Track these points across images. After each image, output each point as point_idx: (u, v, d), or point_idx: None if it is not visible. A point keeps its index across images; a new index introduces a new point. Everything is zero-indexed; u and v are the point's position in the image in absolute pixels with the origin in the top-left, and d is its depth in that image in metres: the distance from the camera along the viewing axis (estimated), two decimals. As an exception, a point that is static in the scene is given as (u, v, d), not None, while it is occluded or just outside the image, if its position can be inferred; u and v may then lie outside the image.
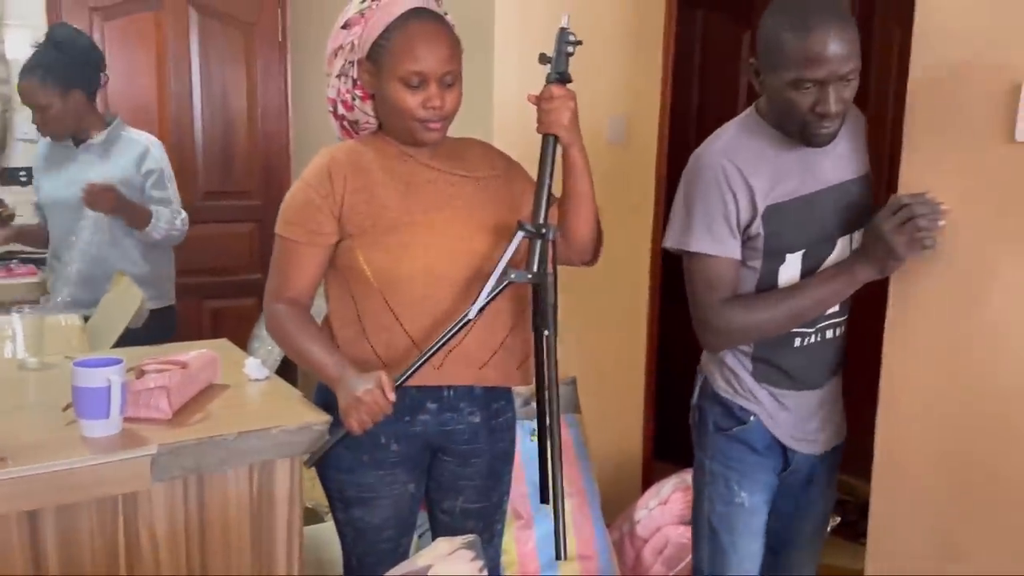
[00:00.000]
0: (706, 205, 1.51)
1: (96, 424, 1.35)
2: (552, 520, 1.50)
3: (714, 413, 1.66)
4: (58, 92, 2.46)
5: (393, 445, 1.58)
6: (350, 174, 1.54)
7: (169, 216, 2.55)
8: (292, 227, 1.54)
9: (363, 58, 1.50)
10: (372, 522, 1.63)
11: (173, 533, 1.45)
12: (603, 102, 2.73)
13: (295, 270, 1.56)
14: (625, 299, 2.93)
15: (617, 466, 2.97)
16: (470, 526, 1.70)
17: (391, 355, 1.54)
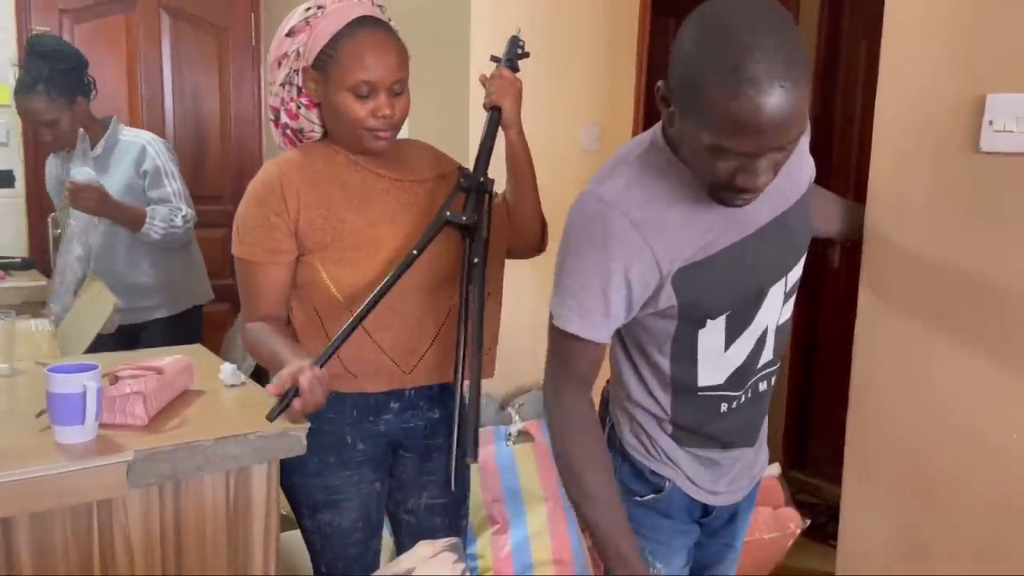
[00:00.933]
0: (581, 273, 1.21)
1: (71, 430, 1.33)
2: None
3: (622, 472, 1.39)
4: (64, 104, 2.43)
5: (359, 444, 1.61)
6: (303, 189, 1.50)
7: (165, 214, 2.46)
8: (250, 247, 1.52)
9: (308, 66, 1.49)
10: (341, 525, 1.63)
11: (148, 540, 1.43)
12: (576, 111, 2.76)
13: (261, 289, 1.55)
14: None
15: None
16: (437, 523, 1.72)
17: (362, 367, 1.56)
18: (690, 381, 1.29)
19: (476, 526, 2.40)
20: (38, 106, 2.40)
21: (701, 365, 1.27)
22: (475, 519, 2.41)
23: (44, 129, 2.44)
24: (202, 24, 3.67)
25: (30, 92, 2.38)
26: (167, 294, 2.53)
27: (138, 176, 2.51)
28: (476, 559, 2.38)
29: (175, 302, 2.58)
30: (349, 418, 1.59)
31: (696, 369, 1.28)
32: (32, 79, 2.39)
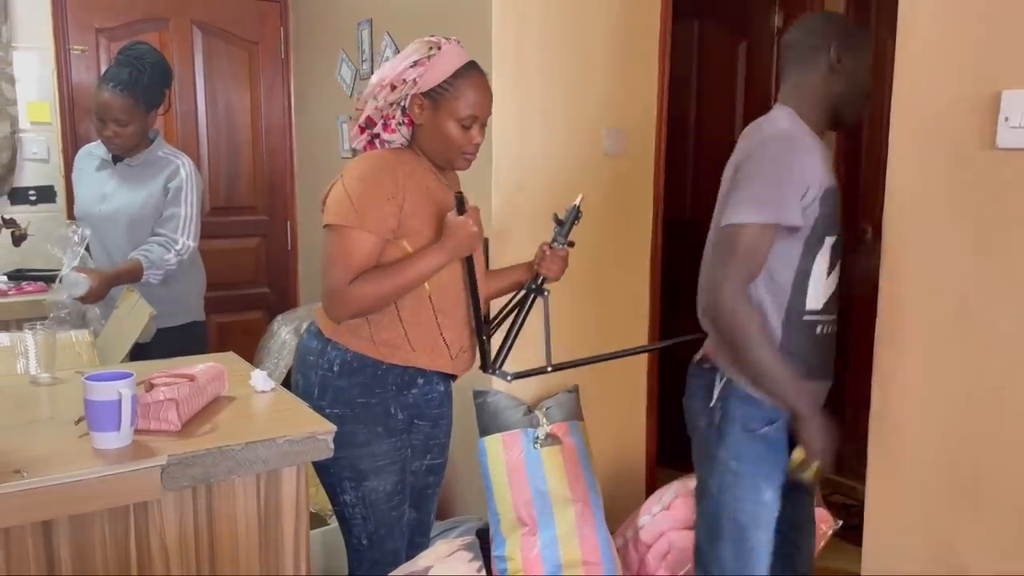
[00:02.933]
0: (779, 173, 1.55)
1: (108, 436, 1.39)
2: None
3: (742, 413, 1.68)
4: (142, 112, 2.51)
5: (399, 414, 1.82)
6: (406, 179, 1.73)
7: (159, 256, 2.50)
8: (364, 218, 1.68)
9: (419, 94, 1.74)
10: (385, 490, 1.81)
11: (183, 542, 1.48)
12: (600, 114, 2.78)
13: (361, 257, 1.69)
14: (626, 309, 2.96)
15: (620, 472, 3.00)
16: (430, 480, 1.98)
17: (422, 343, 1.79)
18: (801, 304, 1.62)
19: (505, 529, 2.43)
20: (119, 104, 2.46)
21: (812, 287, 1.61)
22: (505, 522, 2.43)
23: (112, 125, 2.50)
24: (233, 39, 3.76)
25: (117, 90, 2.45)
26: (173, 304, 2.58)
27: (163, 192, 2.57)
28: (506, 560, 2.40)
29: (179, 313, 2.63)
30: (391, 391, 1.80)
31: (808, 290, 1.62)
32: (125, 79, 2.45)
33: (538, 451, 2.46)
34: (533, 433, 2.49)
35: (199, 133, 3.72)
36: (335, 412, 1.75)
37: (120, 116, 2.48)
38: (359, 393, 1.77)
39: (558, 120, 2.69)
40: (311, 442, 1.53)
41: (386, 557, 1.84)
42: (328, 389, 1.78)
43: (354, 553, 1.87)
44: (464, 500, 2.81)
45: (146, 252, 2.51)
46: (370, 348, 1.77)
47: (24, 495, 1.27)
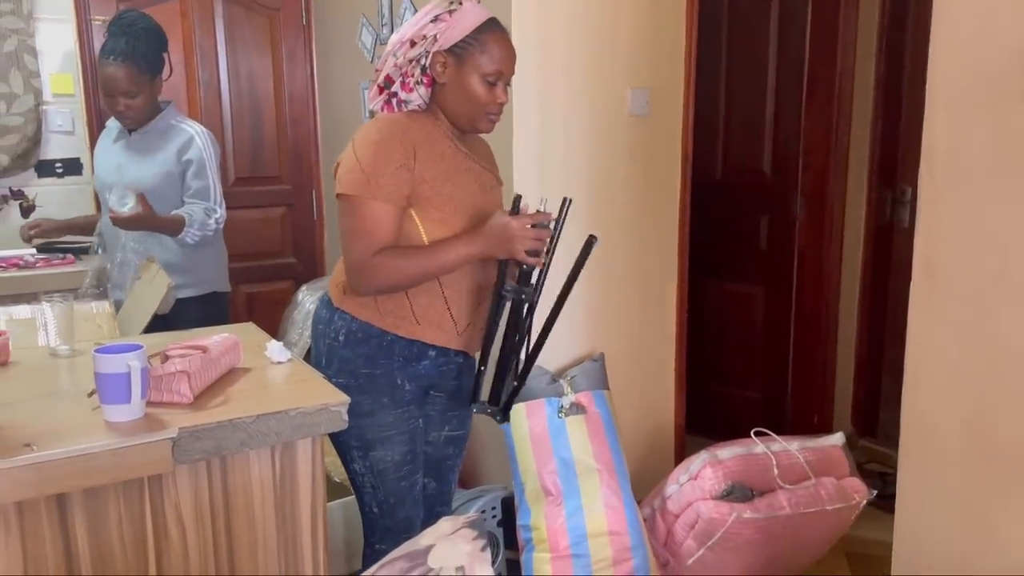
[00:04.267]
0: None
1: (118, 409, 1.38)
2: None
3: None
4: (147, 79, 2.50)
5: (407, 385, 1.78)
6: (420, 145, 1.68)
7: (202, 219, 2.51)
8: (375, 186, 1.63)
9: (441, 51, 1.68)
10: (393, 459, 1.80)
11: (199, 513, 1.47)
12: (623, 75, 2.69)
13: (380, 227, 1.65)
14: (654, 274, 2.90)
15: (649, 441, 2.96)
16: (450, 451, 1.96)
17: (427, 317, 1.74)
18: None
19: (530, 497, 2.40)
20: (123, 75, 2.45)
21: None
22: (529, 490, 2.41)
23: (121, 99, 2.49)
24: (254, 6, 3.71)
25: (121, 61, 2.43)
26: (194, 275, 2.58)
27: (179, 163, 2.55)
28: (531, 530, 2.38)
29: (200, 283, 2.63)
30: (397, 363, 1.76)
31: None
32: (123, 49, 2.43)
33: (562, 420, 2.43)
34: (557, 402, 2.45)
35: (222, 102, 3.69)
36: (340, 382, 1.73)
37: (128, 88, 2.47)
38: (363, 363, 1.75)
39: (581, 81, 2.61)
40: (324, 414, 1.51)
41: (398, 525, 1.85)
42: (334, 358, 1.77)
43: (367, 521, 1.88)
44: (489, 469, 2.80)
45: (189, 211, 2.52)
46: (376, 317, 1.74)
47: (34, 469, 1.27)
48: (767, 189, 3.46)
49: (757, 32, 3.39)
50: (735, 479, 2.38)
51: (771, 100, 3.38)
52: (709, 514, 2.33)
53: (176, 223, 2.48)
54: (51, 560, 1.35)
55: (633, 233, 2.81)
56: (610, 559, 2.32)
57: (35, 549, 1.34)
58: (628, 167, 2.76)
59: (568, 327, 2.71)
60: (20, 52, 3.13)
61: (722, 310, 3.62)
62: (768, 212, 3.48)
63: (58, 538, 1.36)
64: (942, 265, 1.41)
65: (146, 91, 2.52)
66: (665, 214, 2.89)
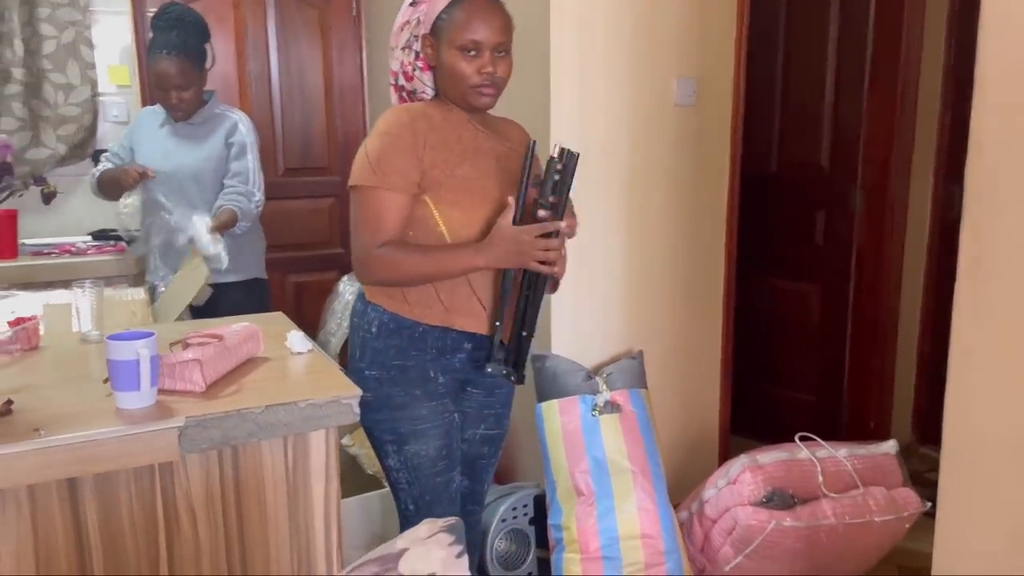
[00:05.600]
0: None
1: (129, 396, 1.38)
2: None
3: None
4: (197, 71, 2.55)
5: (440, 378, 1.75)
6: (429, 131, 1.65)
7: (246, 206, 2.57)
8: (384, 176, 1.62)
9: (427, 33, 1.67)
10: (428, 454, 1.76)
11: (210, 503, 1.47)
12: (669, 63, 2.60)
13: (388, 218, 1.63)
14: (700, 269, 2.80)
15: (691, 443, 2.87)
16: (485, 451, 1.91)
17: (453, 302, 1.70)
18: None
19: (561, 497, 2.35)
20: (176, 69, 2.50)
21: None
22: (561, 490, 2.35)
23: (174, 93, 2.54)
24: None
25: (171, 55, 2.48)
26: (236, 261, 2.60)
27: (225, 147, 2.60)
28: (562, 529, 2.33)
29: (243, 269, 2.65)
30: (430, 355, 1.73)
31: None
32: (175, 43, 2.48)
33: (596, 418, 2.36)
34: (592, 400, 2.39)
35: (272, 94, 3.73)
36: (373, 374, 1.74)
37: (180, 81, 2.52)
38: (395, 355, 1.72)
39: (623, 69, 2.53)
40: (334, 406, 1.49)
41: None
42: (367, 350, 1.75)
43: (403, 519, 1.85)
44: (523, 466, 2.75)
45: (236, 203, 2.56)
46: (405, 308, 1.72)
47: (41, 453, 1.27)
48: (824, 183, 3.31)
49: (817, 19, 3.24)
50: (776, 485, 2.29)
51: (830, 90, 3.24)
52: (747, 521, 2.24)
53: (232, 221, 2.53)
54: (62, 543, 1.36)
55: (678, 227, 2.72)
56: (642, 563, 2.25)
57: (46, 532, 1.35)
58: (673, 158, 2.67)
59: (606, 324, 2.64)
60: (77, 44, 3.21)
61: (775, 308, 3.49)
62: (825, 207, 3.33)
63: (69, 522, 1.36)
64: (989, 264, 1.30)
65: (196, 83, 2.57)
66: (713, 208, 2.79)
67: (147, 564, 1.44)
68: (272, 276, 3.33)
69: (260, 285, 2.75)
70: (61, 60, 3.19)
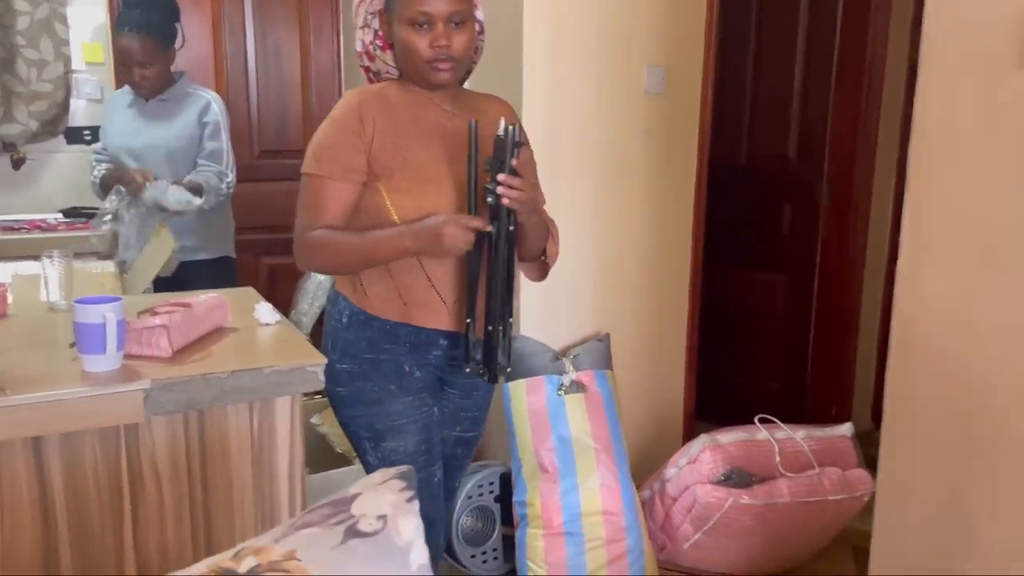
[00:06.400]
0: None
1: (95, 359, 1.40)
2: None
3: None
4: (161, 49, 2.55)
5: (416, 372, 1.69)
6: (379, 115, 1.59)
7: (216, 183, 2.59)
8: (326, 164, 1.58)
9: (381, 8, 1.60)
10: (407, 449, 1.70)
11: (175, 465, 1.50)
12: (639, 51, 2.64)
13: (328, 206, 1.59)
14: (668, 256, 2.85)
15: (657, 425, 2.93)
16: (458, 452, 1.85)
17: (412, 295, 1.64)
18: None
19: (527, 474, 2.39)
20: (138, 46, 2.49)
21: None
22: (526, 467, 2.40)
23: (137, 70, 2.54)
24: (282, -21, 3.74)
25: (137, 32, 2.48)
26: (206, 239, 2.63)
27: (198, 126, 2.61)
28: (525, 506, 2.38)
29: (213, 247, 2.68)
30: (404, 349, 1.67)
31: None
32: (140, 20, 2.48)
33: (561, 398, 2.41)
34: (558, 380, 2.44)
35: (248, 76, 3.73)
36: (345, 367, 1.68)
37: (143, 58, 2.53)
38: (366, 348, 1.66)
39: (596, 57, 2.58)
40: (299, 373, 1.52)
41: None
42: (339, 342, 1.70)
43: None
44: (490, 445, 2.79)
45: (206, 178, 2.58)
46: (366, 302, 1.66)
47: (7, 412, 1.30)
48: (791, 175, 3.38)
49: (787, 14, 3.30)
50: (735, 464, 2.35)
51: (799, 84, 3.30)
52: (706, 498, 2.30)
53: (197, 189, 2.55)
54: (27, 501, 1.39)
55: (647, 214, 2.77)
56: (603, 539, 2.30)
57: (11, 490, 1.37)
58: (643, 146, 2.72)
59: (574, 307, 2.69)
60: (51, 20, 3.20)
61: (743, 297, 3.56)
62: (792, 199, 3.40)
63: (34, 480, 1.39)
64: (929, 243, 1.36)
65: (160, 61, 2.57)
66: (681, 196, 2.84)
67: (111, 525, 1.46)
68: (246, 258, 3.35)
69: (229, 263, 2.77)
70: (35, 36, 3.18)
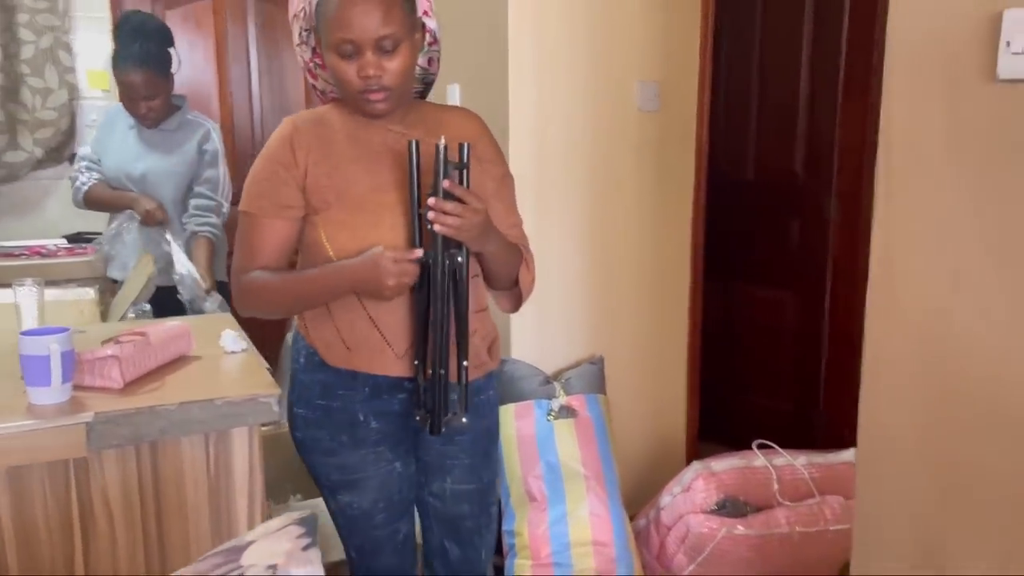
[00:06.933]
0: None
1: (40, 392, 1.38)
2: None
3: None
4: (163, 79, 2.55)
5: (372, 423, 1.54)
6: (313, 145, 1.46)
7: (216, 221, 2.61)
8: (258, 200, 1.47)
9: (314, 25, 1.43)
10: (362, 506, 1.58)
11: (127, 501, 1.46)
12: (630, 66, 2.59)
13: (263, 244, 1.48)
14: (665, 275, 2.78)
15: (656, 450, 2.85)
16: (465, 510, 1.64)
17: (354, 338, 1.50)
18: None
19: (515, 502, 2.33)
20: (142, 81, 2.49)
21: None
22: (514, 495, 2.34)
23: (143, 104, 2.54)
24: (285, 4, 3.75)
25: (136, 67, 2.47)
26: None
27: (198, 153, 2.61)
28: (513, 536, 2.31)
29: None
30: (361, 395, 1.52)
31: None
32: (139, 55, 2.47)
33: (551, 423, 2.35)
34: (547, 404, 2.38)
35: (252, 98, 3.75)
36: (300, 412, 1.58)
37: (148, 92, 2.52)
38: (319, 393, 1.54)
39: (584, 73, 2.53)
40: (252, 404, 1.48)
41: (378, 573, 1.64)
42: (295, 385, 1.59)
43: (349, 563, 1.68)
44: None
45: (210, 227, 2.60)
46: (316, 344, 1.53)
47: (-55, 446, 1.28)
48: (799, 190, 3.29)
49: (791, 26, 3.22)
50: (729, 493, 2.26)
51: (805, 97, 3.22)
52: (699, 528, 2.22)
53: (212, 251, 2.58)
54: (-26, 537, 1.37)
55: (642, 232, 2.71)
56: (593, 569, 2.23)
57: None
58: (636, 164, 2.66)
59: (567, 328, 2.63)
60: (55, 49, 3.24)
61: (751, 315, 3.46)
62: (800, 214, 3.31)
63: (-20, 514, 1.37)
64: (900, 264, 1.28)
65: (164, 91, 2.57)
66: (678, 214, 2.77)
67: (62, 562, 1.43)
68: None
69: (222, 288, 2.76)
70: (39, 65, 3.23)
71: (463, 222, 1.34)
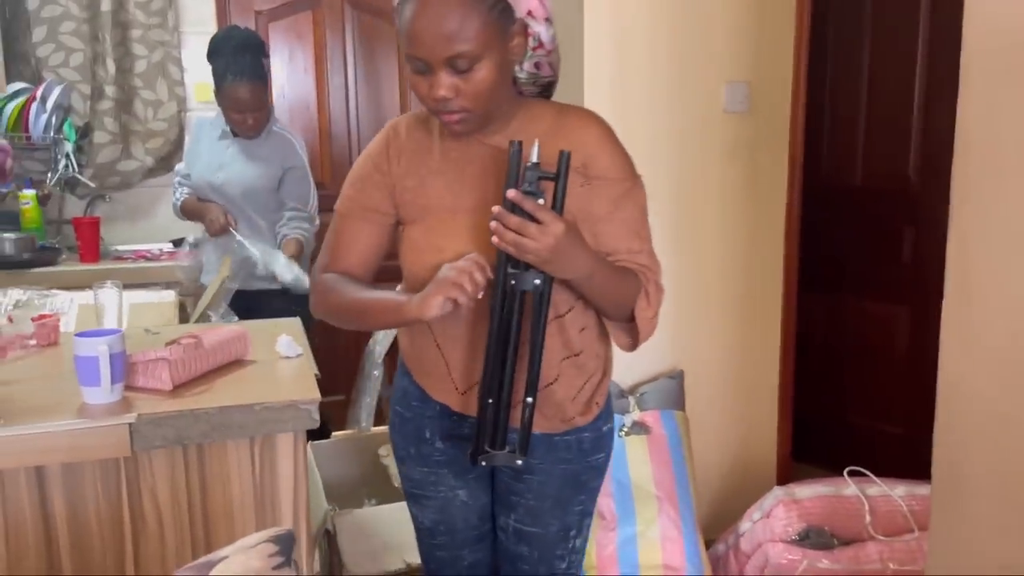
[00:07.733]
0: None
1: (91, 391, 1.42)
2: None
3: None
4: (264, 90, 2.66)
5: (438, 443, 1.47)
6: (406, 153, 1.38)
7: (311, 238, 2.67)
8: (348, 201, 1.42)
9: None
10: (424, 523, 1.56)
11: (175, 501, 1.49)
12: (719, 67, 2.46)
13: (345, 245, 1.42)
14: (756, 286, 2.63)
15: (744, 471, 2.69)
16: (524, 551, 1.50)
17: (424, 363, 1.44)
18: None
19: (583, 519, 2.25)
20: (248, 94, 2.59)
21: None
22: (583, 512, 2.25)
23: (248, 115, 2.63)
24: (385, 15, 3.81)
25: (242, 80, 2.57)
26: None
27: (280, 168, 2.68)
28: (581, 554, 2.23)
29: None
30: (431, 411, 1.46)
31: None
32: (248, 69, 2.57)
33: (622, 439, 2.25)
34: (620, 420, 2.28)
35: (349, 107, 3.83)
36: (392, 411, 1.55)
37: (255, 104, 2.61)
38: (400, 398, 1.52)
39: (666, 74, 2.42)
40: (291, 411, 1.47)
41: None
42: (396, 384, 1.56)
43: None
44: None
45: (301, 231, 2.67)
46: (402, 349, 1.51)
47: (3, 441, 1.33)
48: (914, 196, 3.04)
49: (905, 20, 2.99)
50: (813, 522, 2.10)
51: (919, 97, 2.97)
52: (777, 559, 2.07)
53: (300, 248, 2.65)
54: (31, 531, 1.42)
55: (730, 242, 2.57)
56: (663, 595, 2.12)
57: (15, 519, 1.41)
58: (725, 169, 2.52)
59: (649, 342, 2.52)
60: (165, 63, 3.41)
61: (859, 331, 3.23)
62: (914, 223, 3.06)
63: (37, 510, 1.42)
64: (978, 281, 1.13)
65: (266, 102, 2.67)
66: (770, 222, 2.61)
67: (113, 561, 1.47)
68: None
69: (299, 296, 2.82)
70: (151, 78, 3.40)
71: (527, 242, 1.17)
